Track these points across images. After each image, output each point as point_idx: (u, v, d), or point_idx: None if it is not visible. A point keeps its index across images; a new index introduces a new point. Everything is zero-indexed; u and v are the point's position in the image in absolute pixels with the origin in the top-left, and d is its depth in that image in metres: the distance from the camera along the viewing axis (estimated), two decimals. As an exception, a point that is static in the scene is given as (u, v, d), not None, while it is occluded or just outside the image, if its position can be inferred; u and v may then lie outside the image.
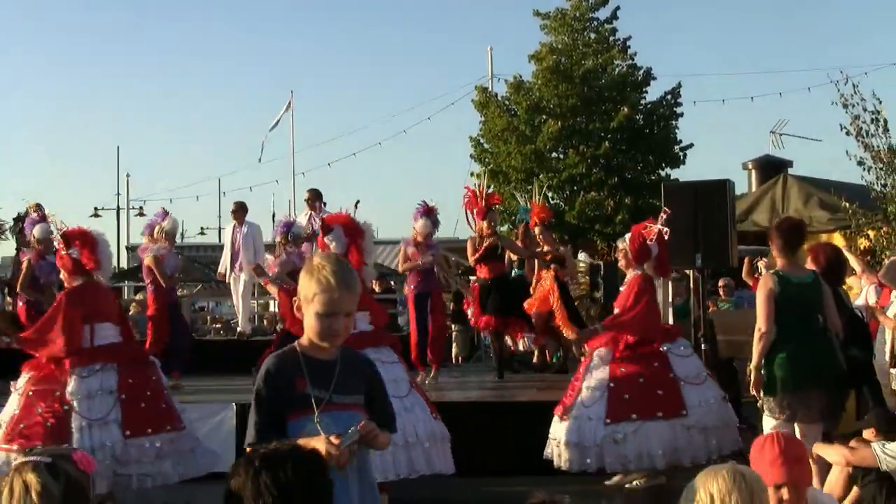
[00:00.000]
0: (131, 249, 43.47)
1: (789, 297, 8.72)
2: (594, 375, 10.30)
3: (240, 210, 18.18)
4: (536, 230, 15.02)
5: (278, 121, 38.70)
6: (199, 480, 10.59)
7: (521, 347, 15.55)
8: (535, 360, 15.59)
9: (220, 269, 18.43)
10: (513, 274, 15.62)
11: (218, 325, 25.20)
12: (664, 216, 10.56)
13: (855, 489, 7.24)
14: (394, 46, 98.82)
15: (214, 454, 10.40)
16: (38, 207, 16.35)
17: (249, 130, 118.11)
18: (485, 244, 14.21)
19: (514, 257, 15.52)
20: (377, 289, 21.64)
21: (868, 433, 7.51)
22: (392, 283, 24.06)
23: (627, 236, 10.76)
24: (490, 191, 14.36)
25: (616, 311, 10.54)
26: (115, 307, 10.88)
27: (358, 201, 17.14)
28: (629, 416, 9.90)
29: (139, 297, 27.06)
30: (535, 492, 3.88)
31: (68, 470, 3.36)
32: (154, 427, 9.94)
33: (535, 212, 15.43)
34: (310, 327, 4.28)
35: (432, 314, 13.96)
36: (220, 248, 18.23)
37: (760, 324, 8.73)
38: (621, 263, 10.76)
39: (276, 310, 21.07)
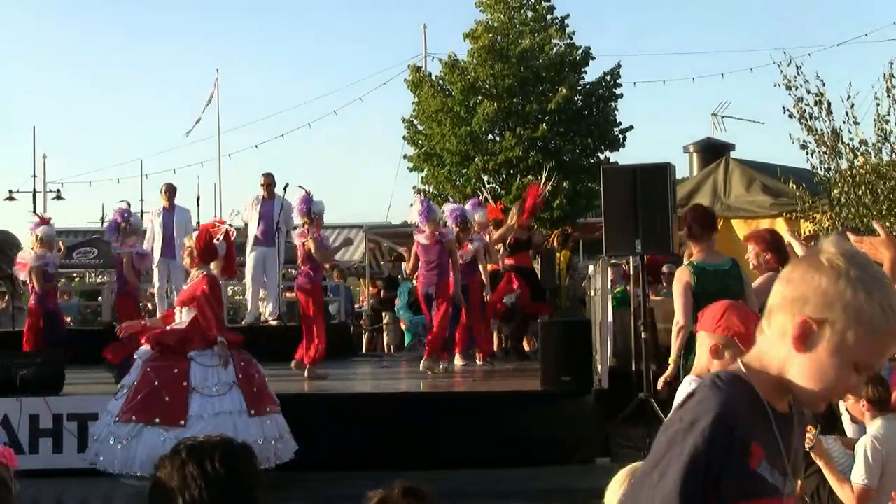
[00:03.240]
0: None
1: (707, 286, 8.58)
2: (131, 373, 10.34)
3: (172, 191, 17.46)
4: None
5: (210, 99, 37.79)
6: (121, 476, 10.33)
7: None
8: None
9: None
10: None
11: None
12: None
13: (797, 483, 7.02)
14: (324, 23, 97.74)
15: None
16: None
17: (173, 110, 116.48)
18: (515, 235, 15.80)
19: None
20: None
21: (812, 431, 7.31)
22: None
23: (194, 234, 10.79)
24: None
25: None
26: None
27: (287, 184, 16.82)
28: (130, 417, 9.88)
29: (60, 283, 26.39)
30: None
31: None
32: None
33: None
34: (809, 373, 2.55)
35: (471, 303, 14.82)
36: (143, 233, 17.45)
37: (678, 317, 8.61)
38: (185, 262, 10.65)
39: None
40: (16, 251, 18.19)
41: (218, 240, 10.43)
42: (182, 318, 10.32)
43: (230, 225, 10.81)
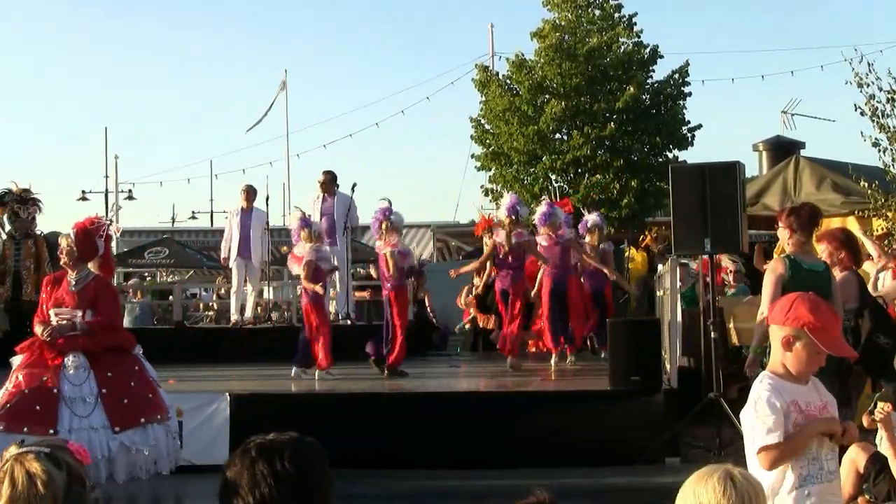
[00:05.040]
0: (119, 234, 42.95)
1: (799, 282, 8.34)
2: (75, 383, 9.52)
3: (252, 193, 17.79)
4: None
5: (274, 100, 38.10)
6: (192, 472, 10.42)
7: None
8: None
9: (224, 253, 17.95)
10: None
11: (211, 313, 24.81)
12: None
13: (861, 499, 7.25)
14: (391, 23, 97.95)
15: None
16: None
17: (242, 110, 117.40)
18: None
19: None
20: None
21: (885, 407, 7.47)
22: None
23: (72, 232, 9.91)
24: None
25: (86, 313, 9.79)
26: None
27: (355, 184, 16.89)
28: (138, 420, 9.44)
29: (132, 282, 26.70)
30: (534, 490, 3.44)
31: (68, 460, 3.23)
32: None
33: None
34: None
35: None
36: (213, 232, 17.74)
37: (763, 308, 8.53)
38: (63, 261, 9.87)
39: (270, 297, 20.63)
40: None
41: (100, 237, 9.97)
42: (78, 319, 9.65)
43: (109, 222, 10.55)
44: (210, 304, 26.69)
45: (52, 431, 9.00)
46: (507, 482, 10.31)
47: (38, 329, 9.61)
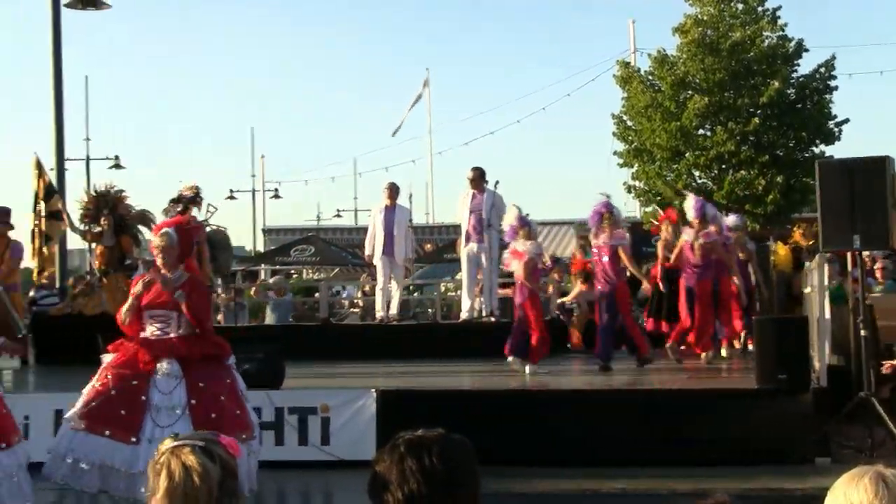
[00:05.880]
0: (266, 232, 43.65)
1: None
2: (164, 391, 8.98)
3: (395, 190, 18.07)
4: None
5: (419, 97, 38.40)
6: (339, 467, 10.54)
7: None
8: None
9: (368, 250, 18.20)
10: None
11: (356, 310, 25.08)
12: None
13: None
14: (532, 21, 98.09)
15: None
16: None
17: (385, 109, 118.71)
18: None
19: None
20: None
21: None
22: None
23: (171, 231, 9.33)
24: None
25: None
26: None
27: (497, 181, 16.93)
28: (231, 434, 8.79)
29: (274, 279, 27.10)
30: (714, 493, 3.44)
31: (221, 454, 3.32)
32: None
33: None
34: None
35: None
36: (357, 230, 18.00)
37: None
38: (159, 261, 9.19)
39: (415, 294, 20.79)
40: (230, 252, 18.69)
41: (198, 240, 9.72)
42: (173, 322, 9.16)
43: (205, 224, 9.93)
44: (354, 300, 27.00)
45: (133, 440, 8.72)
46: (650, 482, 10.30)
47: (141, 284, 9.07)
